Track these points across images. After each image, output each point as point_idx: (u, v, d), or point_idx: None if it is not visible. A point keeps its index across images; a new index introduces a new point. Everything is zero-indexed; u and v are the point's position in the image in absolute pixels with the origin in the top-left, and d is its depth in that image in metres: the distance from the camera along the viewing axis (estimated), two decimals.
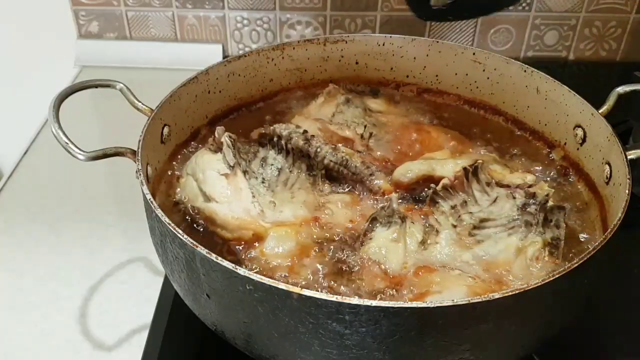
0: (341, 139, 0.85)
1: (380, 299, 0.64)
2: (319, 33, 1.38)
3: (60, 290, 0.88)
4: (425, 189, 0.75)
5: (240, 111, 0.93)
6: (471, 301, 0.53)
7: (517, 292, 0.54)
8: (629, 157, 0.70)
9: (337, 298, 0.53)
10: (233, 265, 0.56)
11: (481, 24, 1.38)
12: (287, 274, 0.66)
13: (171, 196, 0.77)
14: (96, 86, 0.78)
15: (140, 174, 0.67)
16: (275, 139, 0.79)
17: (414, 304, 0.53)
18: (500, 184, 0.74)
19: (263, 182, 0.75)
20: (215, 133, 0.77)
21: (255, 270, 0.66)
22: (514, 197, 0.71)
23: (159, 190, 0.78)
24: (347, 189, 0.77)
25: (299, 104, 0.95)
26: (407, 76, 0.98)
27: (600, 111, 0.78)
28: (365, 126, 0.86)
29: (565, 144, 0.85)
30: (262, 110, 0.94)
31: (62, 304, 0.86)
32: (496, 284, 0.65)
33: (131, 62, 1.39)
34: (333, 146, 0.79)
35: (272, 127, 0.80)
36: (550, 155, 0.86)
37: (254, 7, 1.35)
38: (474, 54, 0.92)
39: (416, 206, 0.74)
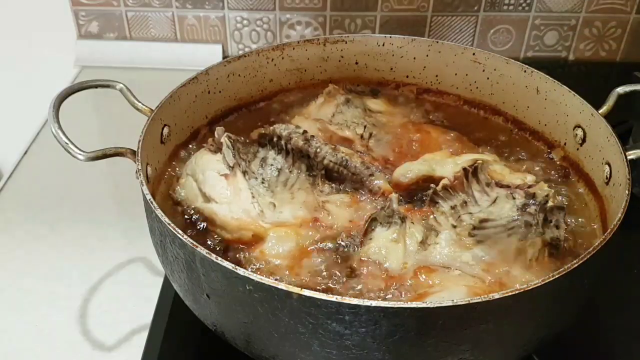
0: (341, 139, 0.85)
1: (380, 299, 0.64)
2: (319, 33, 1.38)
3: (60, 290, 0.88)
4: (425, 190, 0.75)
5: (240, 111, 0.93)
6: (471, 301, 0.53)
7: (517, 292, 0.54)
8: (628, 157, 0.70)
9: (337, 298, 0.53)
10: (233, 265, 0.56)
11: (481, 24, 1.38)
12: (287, 275, 0.66)
13: (171, 196, 0.77)
14: (96, 86, 0.78)
15: (140, 174, 0.67)
16: (275, 139, 0.79)
17: (414, 304, 0.53)
18: (500, 184, 0.74)
19: (263, 183, 0.75)
20: (215, 133, 0.77)
21: (255, 271, 0.66)
22: (514, 198, 0.71)
23: (159, 190, 0.78)
24: (347, 190, 0.77)
25: (299, 104, 0.95)
26: (407, 76, 0.98)
27: (600, 111, 0.78)
28: (365, 126, 0.86)
29: (565, 144, 0.85)
30: (262, 110, 0.94)
31: (62, 304, 0.86)
32: (496, 285, 0.65)
33: (131, 62, 1.39)
34: (333, 146, 0.79)
35: (272, 127, 0.80)
36: (550, 156, 0.86)
37: (254, 7, 1.35)
38: (474, 54, 0.92)
39: (416, 206, 0.74)
